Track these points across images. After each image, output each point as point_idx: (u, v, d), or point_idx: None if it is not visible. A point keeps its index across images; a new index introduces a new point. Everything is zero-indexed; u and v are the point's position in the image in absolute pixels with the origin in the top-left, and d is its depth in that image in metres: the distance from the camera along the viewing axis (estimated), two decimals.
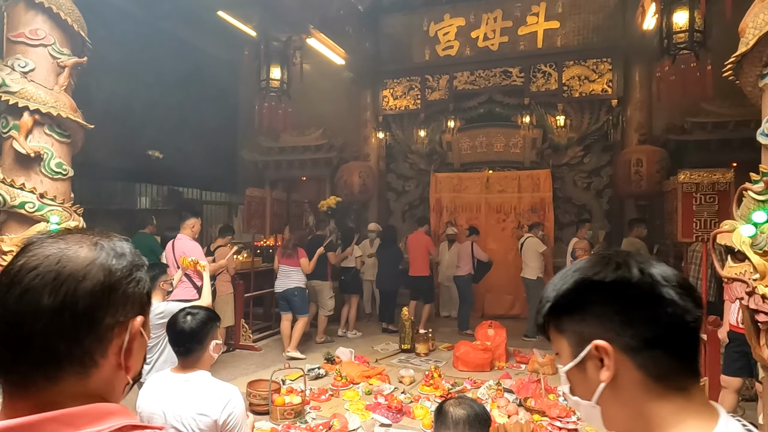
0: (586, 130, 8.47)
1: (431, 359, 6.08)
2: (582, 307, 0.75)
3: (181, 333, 2.00)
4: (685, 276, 0.82)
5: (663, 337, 0.70)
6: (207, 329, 2.03)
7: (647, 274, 0.73)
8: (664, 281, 0.72)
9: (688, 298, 0.72)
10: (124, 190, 8.89)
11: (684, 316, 0.71)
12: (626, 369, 0.71)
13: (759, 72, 2.27)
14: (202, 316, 2.05)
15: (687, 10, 5.09)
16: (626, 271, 0.73)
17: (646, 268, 0.73)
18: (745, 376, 3.65)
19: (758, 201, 2.11)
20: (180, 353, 2.01)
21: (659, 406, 0.70)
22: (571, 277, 0.77)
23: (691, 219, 4.47)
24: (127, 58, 8.00)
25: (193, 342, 1.99)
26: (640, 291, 0.71)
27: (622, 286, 0.72)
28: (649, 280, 0.72)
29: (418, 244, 7.54)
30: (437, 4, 8.87)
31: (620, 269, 0.73)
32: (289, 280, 6.38)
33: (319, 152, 9.33)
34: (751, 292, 2.06)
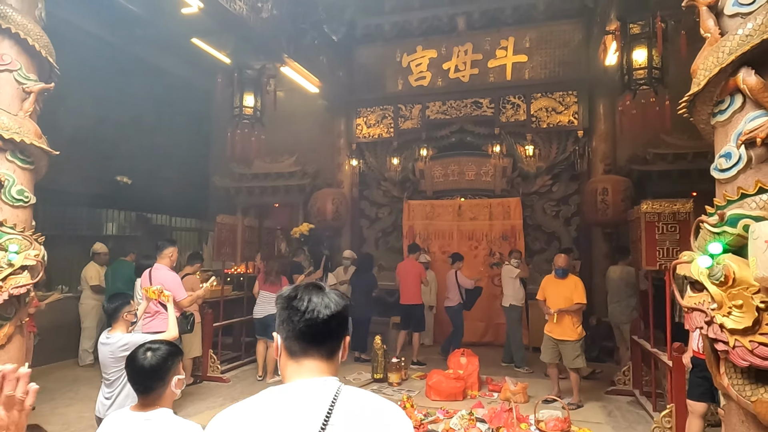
0: (554, 160, 8.72)
1: (404, 389, 6.02)
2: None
3: (141, 370, 1.92)
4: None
5: (288, 331, 1.19)
6: (168, 365, 1.96)
7: (290, 296, 1.21)
8: (293, 298, 1.20)
9: (298, 311, 1.18)
10: (89, 216, 8.66)
11: (294, 320, 1.17)
12: (283, 348, 1.21)
13: (710, 110, 2.40)
14: (163, 351, 1.98)
15: (645, 49, 5.37)
16: (287, 292, 1.23)
17: (296, 290, 1.22)
18: (707, 401, 3.72)
19: (714, 233, 2.20)
20: (140, 391, 1.94)
21: (287, 368, 1.20)
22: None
23: (655, 247, 4.62)
24: (97, 84, 7.90)
25: (153, 379, 1.92)
26: (283, 304, 1.21)
27: (281, 300, 1.22)
28: (288, 296, 1.21)
29: (409, 272, 7.49)
30: (410, 36, 9.11)
31: (288, 291, 1.23)
32: (270, 306, 6.42)
33: (292, 179, 9.31)
34: (709, 321, 2.12)
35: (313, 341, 1.17)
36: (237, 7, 6.16)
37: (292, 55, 7.36)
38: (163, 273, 4.75)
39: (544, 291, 5.74)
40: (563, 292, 5.54)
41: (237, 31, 6.81)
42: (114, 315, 3.31)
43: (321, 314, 1.17)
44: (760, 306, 1.97)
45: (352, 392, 1.15)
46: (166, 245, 4.91)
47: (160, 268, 4.79)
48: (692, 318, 2.21)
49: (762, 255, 1.89)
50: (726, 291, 2.08)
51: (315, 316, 1.16)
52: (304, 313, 1.17)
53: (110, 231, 9.02)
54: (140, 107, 8.54)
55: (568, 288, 5.55)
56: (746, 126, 2.17)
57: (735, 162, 2.20)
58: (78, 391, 5.94)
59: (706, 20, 2.35)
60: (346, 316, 1.24)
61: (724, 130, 2.31)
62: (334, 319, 1.18)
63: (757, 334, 1.98)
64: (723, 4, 2.32)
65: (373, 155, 9.69)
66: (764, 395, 1.99)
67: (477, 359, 6.12)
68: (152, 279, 4.70)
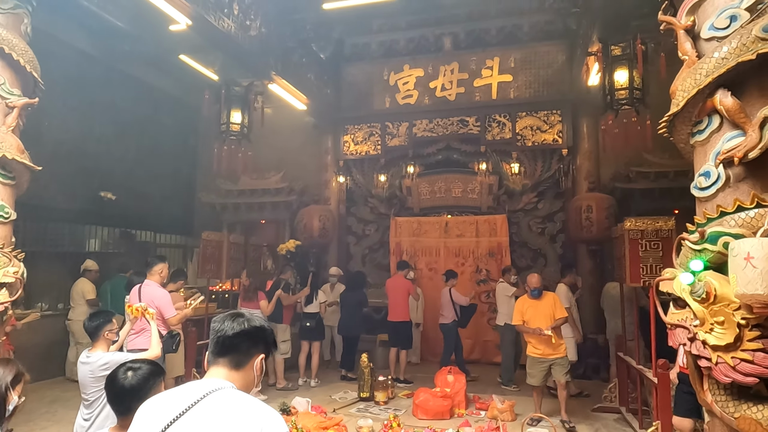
0: (539, 178, 8.82)
1: (390, 407, 5.95)
2: None
3: (121, 390, 1.87)
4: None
5: (209, 345, 1.52)
6: (150, 385, 1.92)
7: (215, 320, 1.54)
8: (215, 322, 1.53)
9: (214, 330, 1.50)
10: (72, 233, 8.50)
11: (211, 336, 1.51)
12: (206, 358, 1.53)
13: (689, 130, 2.46)
14: (145, 371, 1.94)
15: (626, 70, 5.51)
16: (217, 317, 1.57)
17: (223, 316, 1.55)
18: (694, 417, 3.73)
19: (695, 250, 2.23)
20: (120, 412, 1.88)
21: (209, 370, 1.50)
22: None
23: (638, 264, 4.67)
24: (83, 98, 7.86)
25: (134, 400, 1.87)
26: (211, 326, 1.54)
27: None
28: (214, 320, 1.55)
29: (398, 289, 7.42)
30: (397, 55, 9.23)
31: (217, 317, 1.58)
32: None
33: (279, 195, 9.28)
34: (692, 337, 2.15)
35: (218, 353, 1.49)
36: (225, 24, 6.19)
37: (279, 73, 7.40)
38: (152, 290, 4.71)
39: (523, 314, 5.57)
40: (543, 310, 5.46)
41: (225, 49, 6.85)
42: (95, 333, 3.24)
43: (227, 332, 1.48)
44: (741, 322, 2.00)
45: (226, 394, 1.37)
46: (156, 261, 4.89)
47: (150, 284, 4.76)
48: (676, 334, 2.23)
49: (742, 272, 1.92)
50: (708, 307, 2.11)
51: (222, 334, 1.48)
52: (217, 332, 1.50)
53: (93, 247, 8.85)
54: (126, 122, 8.50)
55: (548, 305, 5.50)
56: (724, 146, 2.23)
57: (714, 181, 2.25)
58: (56, 412, 5.78)
59: (683, 43, 2.42)
60: (254, 336, 1.51)
61: (703, 149, 2.37)
62: (237, 337, 1.48)
63: (739, 351, 2.00)
64: (700, 28, 2.40)
65: (361, 172, 9.72)
66: (747, 411, 2.01)
67: (464, 377, 6.09)
68: (141, 295, 4.66)
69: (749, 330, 1.99)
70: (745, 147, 2.11)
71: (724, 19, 2.25)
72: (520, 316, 5.58)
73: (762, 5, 2.16)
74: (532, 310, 5.52)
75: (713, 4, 2.33)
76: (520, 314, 5.59)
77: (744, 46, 2.12)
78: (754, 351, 1.97)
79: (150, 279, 4.79)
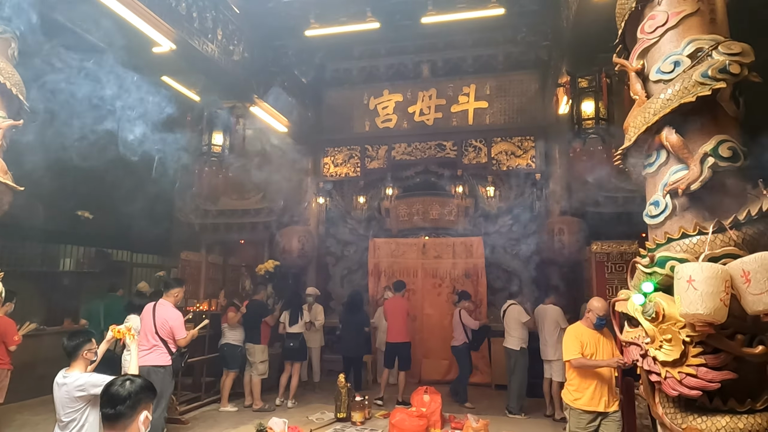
0: (514, 201, 9.10)
1: (367, 428, 5.99)
2: None
3: (116, 394, 1.99)
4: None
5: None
6: (142, 396, 2.03)
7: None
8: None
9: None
10: (46, 252, 8.41)
11: None
12: None
13: (642, 163, 2.68)
14: (141, 383, 2.07)
15: (593, 101, 5.82)
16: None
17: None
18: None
19: (646, 273, 2.43)
20: (108, 417, 1.98)
21: None
22: None
23: (604, 285, 4.90)
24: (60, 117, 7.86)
25: (126, 405, 1.97)
26: None
27: None
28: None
29: (396, 310, 7.43)
30: (377, 80, 9.50)
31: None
32: (222, 338, 6.99)
33: (259, 216, 9.33)
34: (644, 354, 2.32)
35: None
36: (209, 49, 6.35)
37: (261, 96, 7.56)
38: (167, 310, 5.07)
39: (583, 346, 3.97)
40: (607, 346, 4.03)
41: (208, 72, 6.98)
42: (73, 353, 3.25)
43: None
44: (686, 340, 2.18)
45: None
46: (174, 285, 5.28)
47: (165, 304, 5.11)
48: (630, 351, 2.40)
49: (685, 293, 2.11)
50: (657, 326, 2.29)
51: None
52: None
53: (67, 267, 8.76)
54: (105, 142, 8.50)
55: (610, 340, 4.06)
56: (670, 178, 2.44)
57: (662, 209, 2.47)
58: None
59: (634, 84, 2.66)
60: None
61: (653, 180, 2.59)
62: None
63: (685, 366, 2.18)
64: (648, 70, 2.64)
65: (340, 194, 9.87)
66: (693, 422, 2.18)
67: (440, 396, 6.17)
68: (156, 314, 5.04)
69: (693, 347, 2.17)
70: (687, 180, 2.33)
71: (669, 64, 2.49)
72: (579, 348, 3.98)
73: (701, 53, 2.40)
74: (594, 342, 4.01)
75: (660, 50, 2.57)
76: (579, 345, 3.99)
77: (686, 89, 2.36)
78: (697, 366, 2.15)
79: (166, 299, 5.14)
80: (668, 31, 2.55)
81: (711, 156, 2.32)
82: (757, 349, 2.10)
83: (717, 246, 2.22)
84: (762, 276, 2.04)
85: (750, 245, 2.21)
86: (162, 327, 5.04)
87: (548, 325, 6.51)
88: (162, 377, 5.03)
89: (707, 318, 2.06)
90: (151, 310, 5.09)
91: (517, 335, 6.75)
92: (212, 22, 6.35)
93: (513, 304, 6.99)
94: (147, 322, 5.08)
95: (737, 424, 2.10)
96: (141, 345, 4.97)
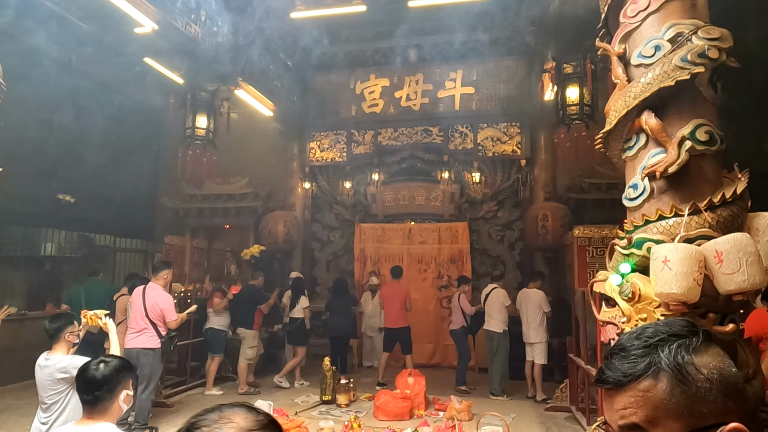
0: (499, 187, 9.16)
1: (352, 410, 6.06)
2: None
3: (92, 380, 1.96)
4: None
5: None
6: (119, 378, 2.01)
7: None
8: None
9: None
10: (26, 236, 8.27)
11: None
12: None
13: (622, 146, 2.72)
14: (116, 364, 2.03)
15: (577, 87, 5.86)
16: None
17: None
18: None
19: (624, 255, 2.48)
20: (87, 402, 1.96)
21: None
22: None
23: (586, 269, 4.99)
24: (42, 99, 7.70)
25: (103, 390, 1.96)
26: None
27: None
28: None
29: (394, 296, 7.49)
30: (363, 65, 9.42)
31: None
32: (206, 322, 7.03)
33: (244, 201, 9.28)
34: (620, 333, 2.38)
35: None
36: (192, 30, 6.24)
37: (246, 79, 7.46)
38: (157, 293, 5.13)
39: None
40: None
41: (191, 54, 6.86)
42: (55, 335, 3.23)
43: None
44: (661, 318, 2.24)
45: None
46: (162, 267, 5.33)
47: (155, 287, 5.16)
48: (606, 330, 2.46)
49: (660, 273, 2.16)
50: (634, 306, 2.35)
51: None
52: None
53: (48, 252, 8.64)
54: (87, 125, 8.35)
55: None
56: (649, 161, 2.49)
57: (641, 192, 2.51)
58: (7, 420, 5.62)
59: (616, 68, 2.68)
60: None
61: (632, 164, 2.63)
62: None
63: None
64: (630, 55, 2.66)
65: (326, 179, 9.84)
66: None
67: (424, 379, 6.26)
68: (146, 297, 5.09)
69: None
70: (665, 163, 2.37)
71: (650, 49, 2.51)
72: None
73: (681, 38, 2.43)
74: None
75: (641, 35, 2.60)
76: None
77: (665, 74, 2.39)
78: None
79: (155, 282, 5.18)
80: (650, 15, 2.57)
81: (688, 139, 2.37)
82: (727, 327, 2.17)
83: (692, 228, 2.27)
84: (734, 256, 2.09)
85: (724, 227, 2.26)
86: (153, 310, 5.08)
87: (531, 308, 6.64)
88: (151, 359, 5.09)
89: (681, 297, 2.12)
90: (140, 294, 5.12)
91: (500, 318, 6.91)
92: (195, 2, 6.23)
93: (496, 287, 7.13)
94: (137, 305, 5.12)
95: None
96: (131, 327, 5.14)
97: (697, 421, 0.69)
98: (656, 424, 0.71)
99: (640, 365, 0.74)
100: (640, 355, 0.75)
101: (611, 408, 0.77)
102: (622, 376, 0.75)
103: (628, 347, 0.77)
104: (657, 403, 0.71)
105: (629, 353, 0.76)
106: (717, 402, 0.71)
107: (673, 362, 0.72)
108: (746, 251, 2.09)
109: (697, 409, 0.70)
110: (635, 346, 0.76)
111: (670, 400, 0.70)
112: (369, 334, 8.47)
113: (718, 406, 0.70)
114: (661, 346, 0.74)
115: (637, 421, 0.72)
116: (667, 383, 0.71)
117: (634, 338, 0.78)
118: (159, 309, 5.09)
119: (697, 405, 0.70)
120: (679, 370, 0.72)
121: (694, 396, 0.70)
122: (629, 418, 0.73)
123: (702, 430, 0.69)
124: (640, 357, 0.75)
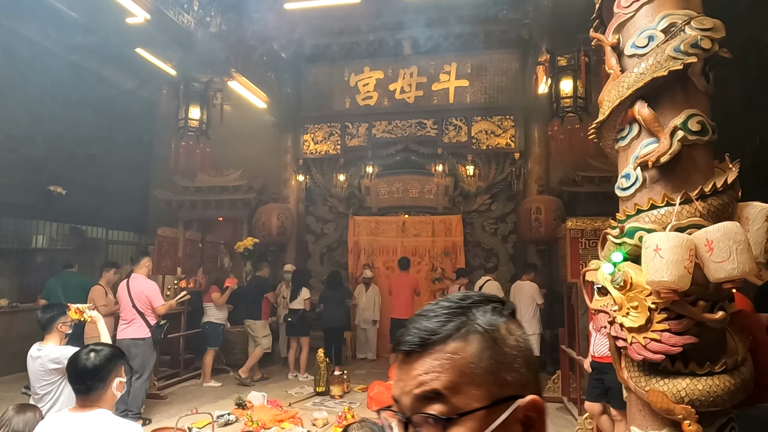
0: (493, 180, 9.19)
1: (346, 401, 6.08)
2: None
3: (84, 369, 1.96)
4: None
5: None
6: (111, 366, 2.01)
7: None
8: None
9: None
10: (17, 228, 8.20)
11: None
12: None
13: (615, 137, 2.73)
14: (107, 353, 2.03)
15: (571, 80, 5.87)
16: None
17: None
18: (603, 401, 4.07)
19: (616, 244, 2.49)
20: (80, 391, 1.96)
21: None
22: None
23: (578, 261, 5.01)
24: (32, 90, 7.62)
25: (95, 379, 1.95)
26: None
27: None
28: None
29: (403, 286, 7.55)
30: (358, 57, 9.38)
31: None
32: (204, 316, 7.04)
33: (238, 193, 9.25)
34: (611, 321, 2.40)
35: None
36: (185, 20, 6.18)
37: (240, 70, 7.42)
38: (141, 282, 5.16)
39: None
40: None
41: (184, 44, 6.80)
42: (48, 326, 3.23)
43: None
44: (652, 306, 2.26)
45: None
46: (141, 256, 5.38)
47: (138, 277, 5.18)
48: (598, 319, 2.49)
49: (651, 262, 2.18)
50: (625, 294, 2.37)
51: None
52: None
53: (40, 244, 8.57)
54: (78, 116, 8.28)
55: None
56: (641, 151, 2.50)
57: (633, 182, 2.52)
58: None
59: (609, 59, 2.69)
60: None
61: (625, 154, 2.64)
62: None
63: (649, 332, 2.26)
64: (624, 45, 2.67)
65: (320, 171, 9.82)
66: (655, 385, 2.27)
67: None
68: (131, 288, 5.11)
69: (658, 313, 2.25)
70: (658, 152, 2.38)
71: (643, 39, 2.52)
72: None
73: (675, 28, 2.44)
74: None
75: (635, 25, 2.60)
76: None
77: (658, 64, 2.40)
78: (661, 331, 2.23)
79: (138, 272, 5.21)
80: (644, 5, 2.57)
81: (681, 129, 2.37)
82: (717, 314, 2.19)
83: (683, 217, 2.29)
84: (724, 245, 2.11)
85: (715, 216, 2.28)
86: (138, 298, 5.09)
87: (524, 301, 6.71)
88: (143, 349, 5.11)
89: (672, 285, 2.14)
90: (125, 285, 5.16)
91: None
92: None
93: (489, 280, 7.22)
94: (123, 297, 5.15)
95: (696, 386, 2.19)
96: (121, 319, 5.18)
97: (500, 390, 0.65)
98: (459, 391, 0.64)
99: (450, 324, 0.67)
100: (451, 314, 0.68)
101: (407, 375, 0.69)
102: (430, 334, 0.67)
103: (436, 309, 0.70)
104: (464, 368, 0.64)
105: (438, 314, 0.69)
106: (520, 372, 0.67)
107: (488, 323, 0.68)
108: (736, 240, 2.11)
109: (502, 377, 0.65)
110: (444, 307, 0.69)
111: (478, 365, 0.65)
112: (363, 326, 8.49)
113: (522, 376, 0.67)
114: (475, 307, 0.69)
115: (439, 388, 0.64)
116: (477, 345, 0.66)
117: (443, 301, 0.71)
118: (145, 296, 5.13)
119: (503, 372, 0.66)
120: (492, 332, 0.67)
121: (502, 362, 0.66)
122: (430, 384, 0.65)
123: (503, 401, 0.64)
124: (452, 316, 0.68)
